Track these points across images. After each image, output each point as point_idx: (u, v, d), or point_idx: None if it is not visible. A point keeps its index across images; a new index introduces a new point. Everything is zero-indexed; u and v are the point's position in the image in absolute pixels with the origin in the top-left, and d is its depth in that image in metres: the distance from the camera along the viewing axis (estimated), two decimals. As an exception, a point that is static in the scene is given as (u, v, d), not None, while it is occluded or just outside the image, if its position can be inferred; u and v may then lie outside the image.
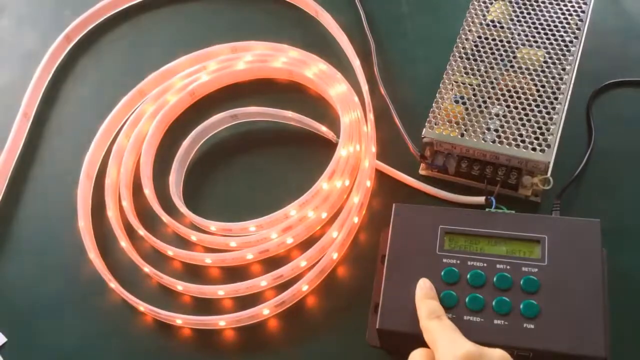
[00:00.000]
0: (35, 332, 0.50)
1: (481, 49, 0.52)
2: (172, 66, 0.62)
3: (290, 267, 0.49)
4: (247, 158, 0.57)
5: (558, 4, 0.54)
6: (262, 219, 0.50)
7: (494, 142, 0.47)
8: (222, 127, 0.59)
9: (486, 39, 0.53)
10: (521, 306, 0.40)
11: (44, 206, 0.57)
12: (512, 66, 0.51)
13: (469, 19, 0.54)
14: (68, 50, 0.68)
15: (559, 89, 0.49)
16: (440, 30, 0.61)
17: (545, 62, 0.50)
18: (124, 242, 0.52)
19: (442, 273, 0.42)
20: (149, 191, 0.54)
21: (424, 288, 0.41)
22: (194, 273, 0.51)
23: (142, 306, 0.49)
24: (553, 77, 0.49)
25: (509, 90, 0.49)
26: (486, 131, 0.48)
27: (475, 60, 0.52)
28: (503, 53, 0.51)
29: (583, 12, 0.53)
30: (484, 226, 0.44)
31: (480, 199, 0.48)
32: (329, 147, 0.54)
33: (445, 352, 0.35)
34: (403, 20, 0.63)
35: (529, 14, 0.53)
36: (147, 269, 0.51)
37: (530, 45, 0.52)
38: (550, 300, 0.40)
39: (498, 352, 0.35)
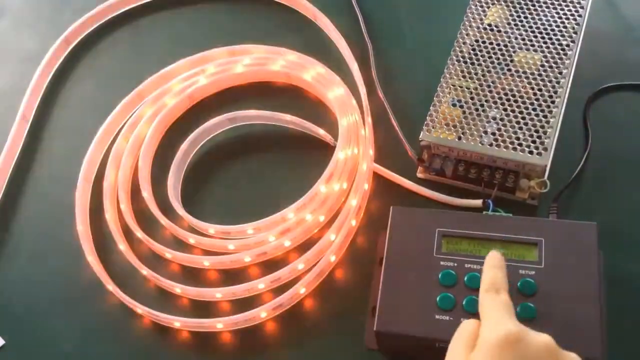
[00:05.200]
0: (33, 334, 0.50)
1: (478, 53, 0.52)
2: (171, 69, 0.62)
3: (288, 270, 0.49)
4: (245, 161, 0.57)
5: (555, 8, 0.54)
6: (260, 221, 0.50)
7: (491, 145, 0.47)
8: (220, 130, 0.59)
9: (483, 42, 0.53)
10: (518, 309, 0.40)
11: (43, 209, 0.57)
12: (509, 70, 0.51)
13: (467, 23, 0.54)
14: (67, 53, 0.68)
15: (555, 92, 0.49)
16: (438, 33, 0.61)
17: (542, 65, 0.51)
18: (122, 245, 0.52)
19: (440, 275, 0.42)
20: (147, 194, 0.54)
21: (494, 257, 0.39)
22: (192, 275, 0.51)
23: (140, 309, 0.49)
24: (550, 81, 0.50)
25: (506, 94, 0.50)
26: (483, 134, 0.48)
27: (472, 63, 0.52)
28: (500, 57, 0.52)
29: (580, 16, 0.53)
30: (481, 229, 0.44)
31: (478, 202, 0.49)
32: (327, 150, 0.55)
33: (488, 329, 0.34)
34: (401, 23, 0.64)
35: (526, 17, 0.54)
36: (145, 271, 0.51)
37: (528, 49, 0.52)
38: (547, 303, 0.40)
39: (543, 338, 0.33)
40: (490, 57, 0.52)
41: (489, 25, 0.54)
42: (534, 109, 0.48)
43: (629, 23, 0.59)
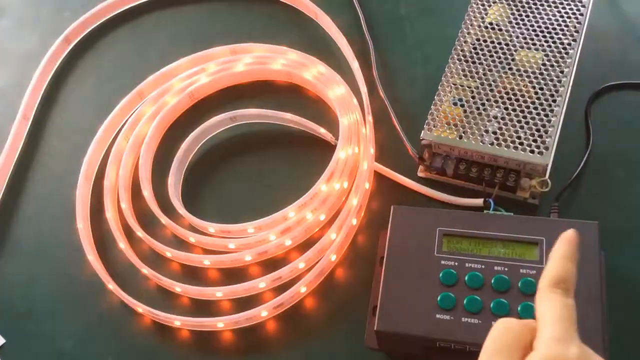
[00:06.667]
0: (33, 333, 0.50)
1: (480, 52, 0.52)
2: (172, 68, 0.62)
3: (289, 269, 0.49)
4: (246, 160, 0.57)
5: (557, 7, 0.54)
6: (260, 220, 0.50)
7: (492, 144, 0.47)
8: (221, 128, 0.59)
9: (485, 41, 0.53)
10: (519, 308, 0.40)
11: (43, 207, 0.57)
12: (510, 69, 0.51)
13: (468, 22, 0.54)
14: (67, 52, 0.68)
15: (557, 91, 0.49)
16: (439, 32, 0.61)
17: (544, 64, 0.50)
18: (122, 244, 0.52)
19: (440, 275, 0.42)
20: (147, 193, 0.54)
21: (569, 242, 0.32)
22: (193, 275, 0.51)
23: (140, 307, 0.49)
24: (551, 80, 0.49)
25: (507, 93, 0.49)
26: (484, 133, 0.48)
27: (473, 62, 0.52)
28: (501, 55, 0.52)
29: (581, 14, 0.53)
30: (482, 228, 0.44)
31: (479, 201, 0.49)
32: (328, 149, 0.54)
33: (552, 347, 0.29)
34: (402, 22, 0.63)
35: (527, 16, 0.53)
36: (145, 270, 0.51)
37: (529, 48, 0.52)
38: (548, 302, 0.40)
39: None
40: (491, 56, 0.52)
41: (490, 23, 0.54)
42: (535, 108, 0.48)
43: (630, 22, 0.59)
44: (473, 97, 0.50)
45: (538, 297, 0.31)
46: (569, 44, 0.51)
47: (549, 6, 0.54)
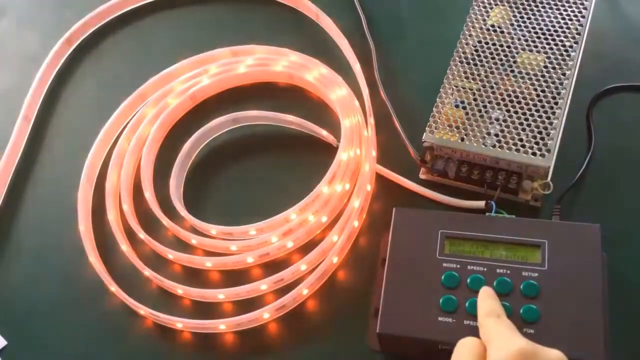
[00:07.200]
0: (35, 335, 0.50)
1: (481, 54, 0.52)
2: (173, 70, 0.62)
3: (291, 271, 0.49)
4: (247, 161, 0.57)
5: (558, 9, 0.54)
6: (262, 222, 0.50)
7: (494, 146, 0.47)
8: (223, 130, 0.59)
9: (486, 43, 0.53)
10: (521, 311, 0.40)
11: (45, 209, 0.57)
12: (512, 71, 0.51)
13: (470, 24, 0.54)
14: (69, 54, 0.68)
15: (559, 93, 0.49)
16: (441, 34, 0.61)
17: (546, 66, 0.50)
18: (124, 246, 0.52)
19: (442, 277, 0.42)
20: (149, 194, 0.54)
21: (486, 290, 0.40)
22: (195, 277, 0.51)
23: (142, 310, 0.49)
24: (553, 82, 0.49)
25: (509, 95, 0.49)
26: (486, 136, 0.48)
27: (475, 64, 0.52)
28: (503, 58, 0.52)
29: (583, 16, 0.53)
30: (484, 230, 0.44)
31: (481, 204, 0.49)
32: (330, 151, 0.54)
33: (499, 347, 0.34)
34: (404, 24, 0.63)
35: (529, 18, 0.53)
36: (147, 272, 0.51)
37: (531, 50, 0.52)
38: (550, 305, 0.40)
39: (554, 353, 0.34)
40: (493, 58, 0.52)
41: (492, 26, 0.54)
42: (537, 110, 0.48)
43: (632, 24, 0.59)
44: (475, 100, 0.50)
45: (480, 328, 0.38)
46: (571, 46, 0.51)
47: (551, 8, 0.54)
